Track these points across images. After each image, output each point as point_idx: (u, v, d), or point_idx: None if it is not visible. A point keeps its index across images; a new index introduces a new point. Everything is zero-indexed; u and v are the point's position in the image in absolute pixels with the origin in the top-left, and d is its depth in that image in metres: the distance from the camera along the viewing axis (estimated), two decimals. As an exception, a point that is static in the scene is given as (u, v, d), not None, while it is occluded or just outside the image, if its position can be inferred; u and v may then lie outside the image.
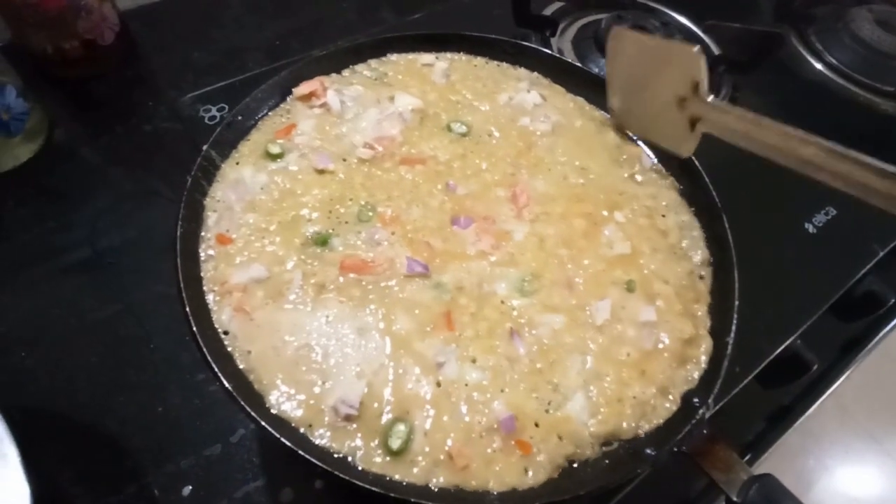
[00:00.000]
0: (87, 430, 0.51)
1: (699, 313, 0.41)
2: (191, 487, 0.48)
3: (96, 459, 0.50)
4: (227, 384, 0.33)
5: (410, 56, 0.51)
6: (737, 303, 0.40)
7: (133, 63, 0.74)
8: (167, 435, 0.51)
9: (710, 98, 0.41)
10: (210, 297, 0.38)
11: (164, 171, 0.65)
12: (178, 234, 0.38)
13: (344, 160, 0.45)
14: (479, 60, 0.52)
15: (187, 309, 0.35)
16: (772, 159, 0.38)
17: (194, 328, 0.35)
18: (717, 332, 0.40)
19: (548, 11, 0.68)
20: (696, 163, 0.46)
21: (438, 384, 0.37)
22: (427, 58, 0.51)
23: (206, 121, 0.55)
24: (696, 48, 0.40)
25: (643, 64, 0.44)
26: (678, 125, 0.43)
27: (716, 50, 0.68)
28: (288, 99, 0.48)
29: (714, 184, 0.46)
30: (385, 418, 0.35)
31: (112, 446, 0.50)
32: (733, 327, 0.40)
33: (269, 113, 0.47)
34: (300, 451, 0.32)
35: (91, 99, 0.70)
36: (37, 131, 0.64)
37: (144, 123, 0.69)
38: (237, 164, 0.44)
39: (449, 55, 0.52)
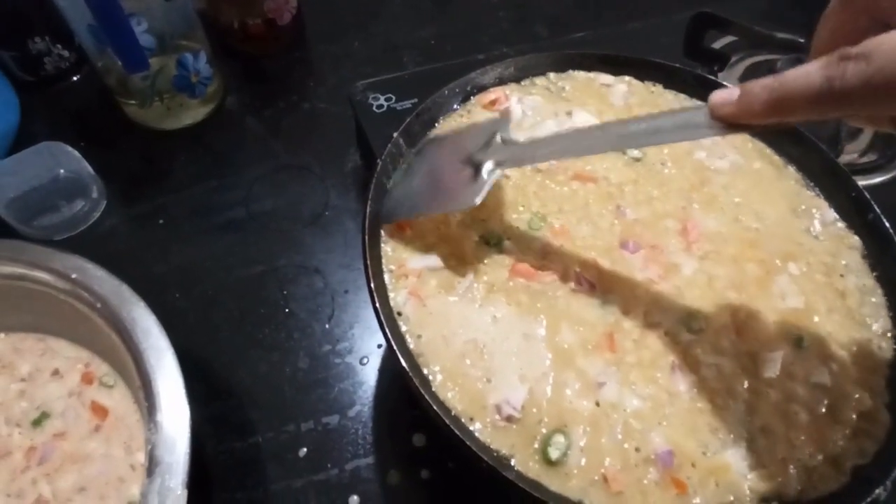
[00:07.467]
0: (223, 377, 0.55)
1: (877, 385, 0.38)
2: (306, 450, 0.51)
3: (228, 406, 0.54)
4: (403, 363, 0.35)
5: (591, 74, 0.51)
6: (923, 383, 0.38)
7: (300, 45, 0.79)
8: (292, 397, 0.54)
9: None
10: (387, 277, 0.40)
11: (316, 149, 0.69)
12: (367, 211, 0.40)
13: (519, 167, 0.46)
14: (657, 88, 0.51)
15: (371, 285, 0.37)
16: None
17: (377, 303, 0.36)
18: (897, 409, 0.38)
19: (717, 45, 0.67)
20: (888, 225, 0.43)
21: (597, 404, 0.36)
22: (606, 78, 0.51)
23: (375, 108, 0.57)
24: None
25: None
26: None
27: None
28: (472, 99, 0.49)
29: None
30: (543, 427, 0.35)
31: (242, 396, 0.54)
32: (917, 408, 0.37)
33: (451, 112, 0.48)
34: (468, 442, 0.32)
35: (261, 73, 0.75)
36: (213, 96, 0.70)
37: (304, 102, 0.73)
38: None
39: (627, 78, 0.52)
